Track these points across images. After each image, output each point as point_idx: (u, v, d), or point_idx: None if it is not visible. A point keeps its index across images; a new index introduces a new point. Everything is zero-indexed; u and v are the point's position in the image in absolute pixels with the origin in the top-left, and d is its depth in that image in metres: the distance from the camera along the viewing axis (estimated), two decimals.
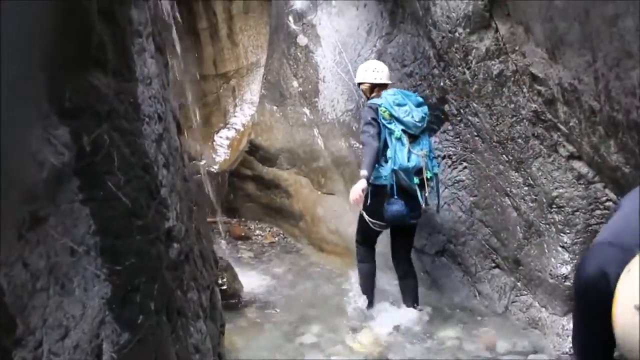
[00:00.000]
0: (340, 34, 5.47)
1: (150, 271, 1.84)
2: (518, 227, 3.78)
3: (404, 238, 4.11)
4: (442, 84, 4.25)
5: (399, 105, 3.87)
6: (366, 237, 4.18)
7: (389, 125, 3.82)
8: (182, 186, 2.48)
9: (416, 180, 3.80)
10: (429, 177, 3.84)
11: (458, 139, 4.23)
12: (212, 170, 6.51)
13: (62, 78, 1.46)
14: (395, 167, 3.77)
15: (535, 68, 3.38)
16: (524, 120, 3.60)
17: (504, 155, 3.83)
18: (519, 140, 3.67)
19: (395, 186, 3.79)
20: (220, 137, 6.91)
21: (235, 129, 7.00)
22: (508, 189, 3.82)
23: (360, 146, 5.12)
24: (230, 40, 6.84)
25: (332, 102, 5.48)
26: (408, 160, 3.78)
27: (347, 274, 4.80)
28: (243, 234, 6.02)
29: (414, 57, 4.70)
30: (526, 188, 3.70)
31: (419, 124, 3.88)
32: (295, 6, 5.73)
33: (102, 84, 1.63)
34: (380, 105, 3.86)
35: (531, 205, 3.67)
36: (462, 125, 4.16)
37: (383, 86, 4.14)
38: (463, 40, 3.87)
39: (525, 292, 3.77)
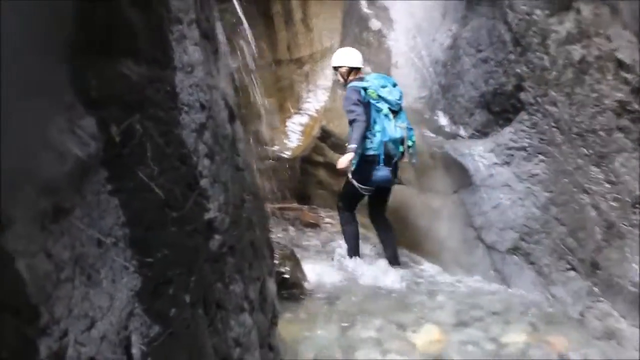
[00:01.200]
0: (414, 18, 5.28)
1: (185, 264, 1.83)
2: (597, 228, 3.48)
3: (382, 199, 4.80)
4: (518, 70, 3.98)
5: (382, 86, 4.55)
6: (352, 202, 4.80)
7: (377, 104, 4.48)
8: (233, 175, 2.46)
9: (401, 148, 4.55)
10: (410, 145, 4.59)
11: (534, 130, 3.95)
12: (285, 156, 6.53)
13: (87, 67, 1.45)
14: (386, 139, 4.44)
15: (622, 53, 3.08)
16: (608, 111, 3.29)
17: (583, 149, 3.53)
18: (601, 133, 3.36)
19: (382, 155, 4.44)
20: (293, 122, 6.89)
21: (308, 114, 6.95)
22: (587, 185, 3.52)
23: (431, 134, 4.96)
24: (304, 25, 6.78)
25: (405, 88, 5.27)
26: (395, 132, 4.47)
27: (412, 266, 4.66)
28: (312, 221, 5.99)
29: (489, 41, 4.44)
30: (607, 185, 3.39)
31: (399, 101, 4.58)
32: None
33: (133, 72, 1.61)
34: (368, 88, 4.47)
35: (612, 204, 3.36)
36: (539, 115, 3.88)
37: (357, 70, 4.71)
38: (541, 23, 3.59)
39: (603, 299, 3.47)
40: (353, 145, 4.38)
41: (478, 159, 4.50)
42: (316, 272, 4.67)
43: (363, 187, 4.54)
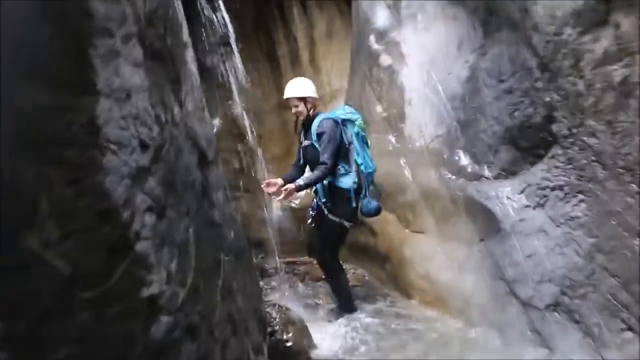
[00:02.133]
0: (427, 51, 4.85)
1: None
2: None
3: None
4: (548, 99, 3.48)
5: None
6: (338, 247, 4.61)
7: (363, 135, 4.49)
8: (202, 233, 1.98)
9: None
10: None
11: (571, 166, 3.41)
12: (293, 205, 6.06)
13: None
14: (370, 170, 4.45)
15: None
16: None
17: (633, 185, 2.97)
18: None
19: (367, 186, 4.43)
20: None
21: None
22: None
23: (451, 176, 4.46)
24: (313, 67, 6.43)
25: (420, 127, 4.84)
26: (373, 162, 4.53)
27: (438, 329, 4.06)
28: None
29: (512, 70, 3.97)
30: None
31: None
32: (377, 24, 5.20)
33: (27, 98, 1.17)
34: (355, 120, 4.42)
35: None
36: (575, 148, 3.35)
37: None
38: (573, 43, 3.11)
39: None
40: (302, 183, 4.17)
41: (506, 202, 3.96)
42: (327, 335, 4.10)
43: (350, 223, 4.46)
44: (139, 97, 1.57)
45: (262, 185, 4.23)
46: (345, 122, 4.41)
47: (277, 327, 3.66)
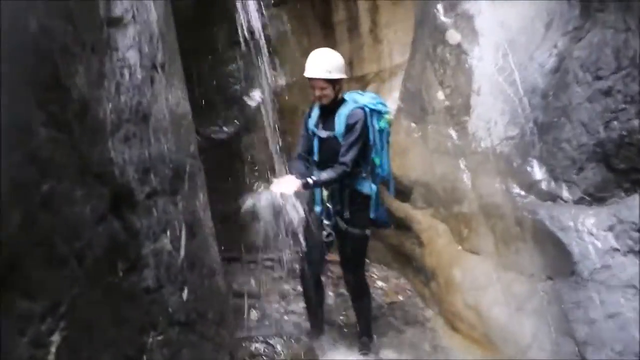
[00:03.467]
0: (507, 30, 3.87)
1: None
2: None
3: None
4: None
5: None
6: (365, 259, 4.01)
7: (389, 132, 3.80)
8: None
9: None
10: None
11: None
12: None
13: None
14: (385, 174, 3.80)
15: None
16: None
17: None
18: None
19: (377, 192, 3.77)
20: None
21: None
22: None
23: (520, 191, 3.59)
24: (373, 36, 5.55)
25: (488, 123, 3.91)
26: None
27: None
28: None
29: (616, 64, 3.05)
30: None
31: None
32: None
33: None
34: (385, 114, 3.70)
35: None
36: None
37: None
38: None
39: None
40: (314, 182, 3.43)
41: (587, 238, 3.06)
42: None
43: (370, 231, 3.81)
44: None
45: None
46: (372, 113, 3.63)
47: None
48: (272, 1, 5.33)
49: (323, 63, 3.54)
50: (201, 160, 5.26)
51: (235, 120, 5.18)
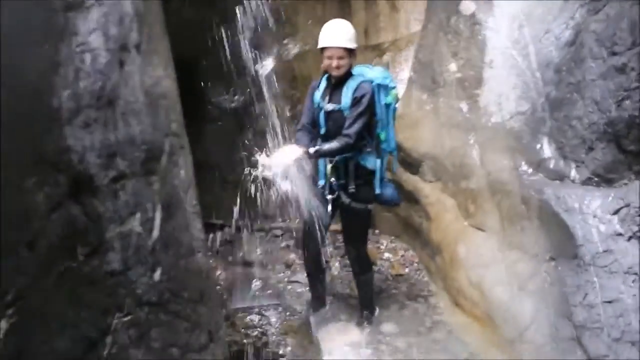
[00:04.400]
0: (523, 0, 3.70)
1: None
2: None
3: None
4: None
5: None
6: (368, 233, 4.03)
7: (395, 107, 3.72)
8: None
9: None
10: None
11: None
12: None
13: None
14: (391, 149, 3.79)
15: None
16: None
17: None
18: None
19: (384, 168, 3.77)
20: None
21: None
22: None
23: (528, 168, 3.52)
24: (390, 4, 5.38)
25: (500, 97, 3.79)
26: None
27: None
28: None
29: (631, 39, 2.91)
30: None
31: None
32: None
33: None
34: (392, 89, 3.64)
35: None
36: None
37: None
38: None
39: None
40: (321, 152, 3.44)
41: (592, 221, 2.97)
42: (342, 346, 3.44)
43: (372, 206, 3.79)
44: None
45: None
46: (379, 87, 3.57)
47: (272, 337, 3.05)
48: None
49: (342, 32, 3.50)
50: (213, 128, 5.26)
51: (247, 89, 5.13)
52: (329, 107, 3.58)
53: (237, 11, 4.68)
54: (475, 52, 3.97)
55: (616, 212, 2.89)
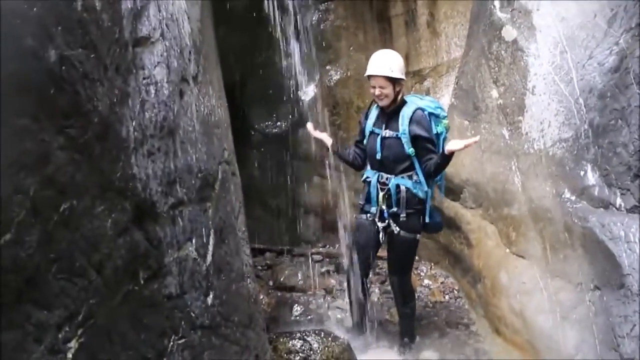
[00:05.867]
0: (566, 25, 3.71)
1: None
2: None
3: None
4: None
5: None
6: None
7: (445, 137, 3.81)
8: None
9: None
10: None
11: None
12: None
13: None
14: (438, 178, 3.89)
15: None
16: None
17: None
18: None
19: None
20: None
21: None
22: None
23: (571, 196, 3.49)
24: (431, 30, 5.44)
25: (542, 124, 3.78)
26: None
27: None
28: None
29: None
30: None
31: None
32: None
33: None
34: (443, 118, 3.77)
35: None
36: None
37: None
38: None
39: None
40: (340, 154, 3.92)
41: (639, 249, 2.92)
42: None
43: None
44: None
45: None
46: (431, 116, 3.67)
47: None
48: None
49: (385, 62, 3.59)
50: (256, 154, 5.37)
51: (290, 115, 5.25)
52: (386, 133, 3.65)
53: (280, 37, 4.82)
54: (517, 79, 3.98)
55: None
